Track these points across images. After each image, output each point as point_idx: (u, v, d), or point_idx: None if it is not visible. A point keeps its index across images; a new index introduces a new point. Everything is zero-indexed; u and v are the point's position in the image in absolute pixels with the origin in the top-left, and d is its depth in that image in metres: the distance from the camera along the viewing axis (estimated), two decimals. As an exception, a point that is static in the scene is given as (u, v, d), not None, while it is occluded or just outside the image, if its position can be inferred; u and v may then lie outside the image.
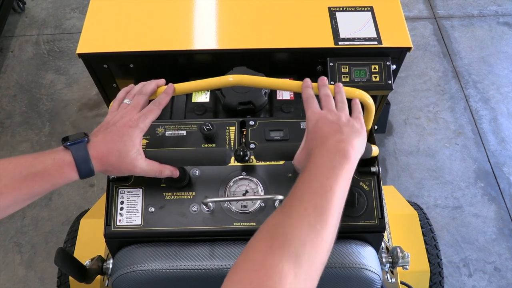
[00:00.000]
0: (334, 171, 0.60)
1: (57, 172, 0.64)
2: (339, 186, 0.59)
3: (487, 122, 2.08)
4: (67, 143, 0.66)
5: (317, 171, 0.61)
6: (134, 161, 0.69)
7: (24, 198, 0.64)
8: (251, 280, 0.49)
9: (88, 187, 1.90)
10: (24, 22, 2.53)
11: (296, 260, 0.51)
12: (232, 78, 0.81)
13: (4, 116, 2.14)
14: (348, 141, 0.64)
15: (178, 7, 1.10)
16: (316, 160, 0.63)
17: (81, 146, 0.66)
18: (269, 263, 0.50)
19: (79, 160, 0.65)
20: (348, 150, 0.63)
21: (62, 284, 1.17)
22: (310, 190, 0.58)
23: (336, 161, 0.62)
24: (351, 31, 1.03)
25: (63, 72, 2.29)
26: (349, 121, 0.70)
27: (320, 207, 0.56)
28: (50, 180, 0.64)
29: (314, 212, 0.55)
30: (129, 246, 0.81)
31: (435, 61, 2.30)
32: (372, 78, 0.99)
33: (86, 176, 0.67)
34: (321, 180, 0.59)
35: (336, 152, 0.63)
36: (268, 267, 0.50)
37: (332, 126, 0.68)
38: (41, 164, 0.64)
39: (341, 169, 0.61)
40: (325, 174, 0.60)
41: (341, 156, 0.62)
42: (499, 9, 2.52)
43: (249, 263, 0.52)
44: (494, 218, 1.81)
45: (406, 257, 0.87)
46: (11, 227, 1.80)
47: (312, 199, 0.57)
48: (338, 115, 0.71)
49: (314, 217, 0.55)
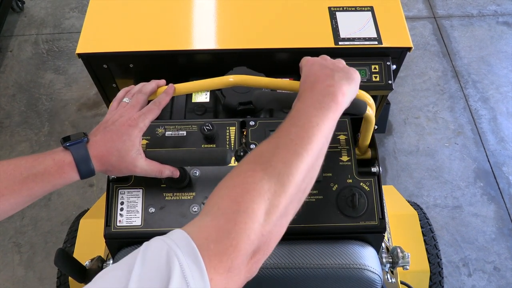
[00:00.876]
0: (322, 112, 0.61)
1: (58, 173, 0.64)
2: (325, 124, 0.60)
3: (486, 122, 2.08)
4: (67, 144, 0.66)
5: (305, 110, 0.61)
6: (134, 161, 0.69)
7: (25, 200, 0.64)
8: (232, 196, 0.51)
9: (88, 187, 1.90)
10: (23, 21, 2.52)
11: (278, 179, 0.52)
12: (232, 78, 0.80)
13: (3, 115, 2.13)
14: (339, 86, 0.64)
15: (178, 7, 1.09)
16: (305, 100, 0.63)
17: (81, 146, 0.66)
18: (249, 180, 0.52)
19: (79, 160, 0.65)
20: (337, 94, 0.63)
21: (61, 284, 1.17)
22: (297, 124, 0.59)
23: (325, 103, 0.62)
24: (351, 31, 1.03)
25: (62, 72, 2.29)
26: (343, 68, 0.69)
27: (306, 138, 0.57)
28: (51, 180, 0.64)
29: (300, 142, 0.57)
30: (129, 246, 0.81)
31: (435, 61, 2.30)
32: (372, 78, 0.99)
33: (87, 176, 0.67)
34: (308, 117, 0.60)
35: (325, 95, 0.63)
36: (249, 183, 0.51)
37: (324, 70, 0.67)
38: (41, 165, 0.63)
39: (328, 110, 0.61)
40: (313, 112, 0.61)
41: (330, 99, 0.62)
42: (499, 9, 2.52)
43: (231, 181, 0.54)
44: (493, 217, 1.81)
45: (406, 257, 0.87)
46: (10, 227, 1.79)
47: (299, 132, 0.58)
48: (333, 61, 0.71)
49: (300, 145, 0.56)
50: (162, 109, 0.75)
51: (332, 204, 0.80)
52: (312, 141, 0.57)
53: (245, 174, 0.54)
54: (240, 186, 0.52)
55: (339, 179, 0.82)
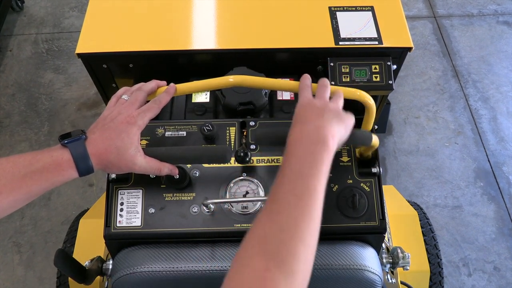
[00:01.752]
0: (317, 167, 0.60)
1: (56, 170, 0.64)
2: (322, 184, 0.59)
3: (486, 122, 2.08)
4: (65, 141, 0.65)
5: (300, 170, 0.60)
6: (133, 158, 0.69)
7: (24, 198, 0.64)
8: None
9: (88, 186, 1.89)
10: (23, 21, 2.52)
11: (292, 277, 0.51)
12: (232, 78, 0.80)
13: (3, 115, 2.13)
14: (328, 128, 0.63)
15: (178, 6, 1.09)
16: (296, 151, 0.62)
17: (79, 143, 0.65)
18: (268, 284, 0.50)
19: (78, 158, 0.64)
20: (327, 139, 0.62)
21: (61, 284, 1.17)
22: (296, 192, 0.58)
23: (317, 153, 0.61)
24: (352, 31, 1.03)
25: (62, 71, 2.29)
26: (335, 109, 0.68)
27: (308, 215, 0.56)
28: (49, 178, 0.64)
29: (302, 221, 0.55)
30: (129, 247, 0.81)
31: (435, 61, 2.30)
32: (373, 78, 0.99)
33: (86, 174, 0.66)
34: (305, 180, 0.59)
35: (316, 142, 0.62)
36: (267, 285, 0.50)
37: (315, 111, 0.67)
38: (40, 163, 0.63)
39: (322, 163, 0.60)
40: (308, 172, 0.59)
41: (321, 147, 0.61)
42: (499, 8, 2.52)
43: (242, 276, 0.51)
44: (493, 217, 1.81)
45: (407, 258, 0.87)
46: (10, 227, 1.79)
47: (299, 205, 0.57)
48: (326, 102, 0.69)
49: (307, 229, 0.55)
50: (162, 108, 0.75)
51: (332, 205, 0.80)
52: (314, 217, 0.56)
53: (257, 271, 0.51)
54: (256, 285, 0.50)
55: (339, 180, 0.82)
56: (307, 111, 0.67)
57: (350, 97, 0.76)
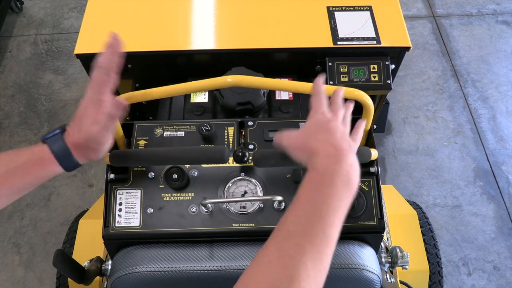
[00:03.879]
0: (339, 214, 0.57)
1: (38, 165, 0.64)
2: (338, 231, 0.57)
3: (486, 121, 2.08)
4: (45, 137, 0.65)
5: (326, 208, 0.57)
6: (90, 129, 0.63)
7: (7, 193, 0.64)
8: None
9: (87, 187, 1.89)
10: (22, 22, 2.52)
11: None
12: (230, 78, 0.80)
13: (2, 116, 2.13)
14: (356, 172, 0.60)
15: (176, 7, 1.09)
16: (326, 188, 0.58)
17: (57, 137, 0.65)
18: None
19: (58, 152, 0.64)
20: (355, 183, 0.60)
21: (61, 284, 1.17)
22: (311, 239, 0.55)
23: (345, 198, 0.58)
24: (350, 30, 1.03)
25: (61, 72, 2.29)
26: (356, 147, 0.66)
27: (319, 264, 0.54)
28: (32, 173, 0.64)
29: (313, 270, 0.53)
30: (128, 247, 0.81)
31: (434, 60, 2.30)
32: (371, 77, 0.99)
33: (71, 168, 0.66)
34: (325, 228, 0.56)
35: (344, 185, 0.59)
36: None
37: (345, 146, 0.62)
38: (22, 158, 0.64)
39: (345, 210, 0.58)
40: (331, 219, 0.56)
41: (349, 192, 0.59)
42: (498, 8, 2.52)
43: None
44: (493, 217, 1.81)
45: (406, 257, 0.87)
46: (9, 228, 1.79)
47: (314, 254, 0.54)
48: (344, 132, 0.66)
49: (315, 278, 0.54)
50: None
51: (330, 204, 0.80)
52: (326, 268, 0.55)
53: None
54: None
55: None
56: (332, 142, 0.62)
57: (348, 97, 0.76)
